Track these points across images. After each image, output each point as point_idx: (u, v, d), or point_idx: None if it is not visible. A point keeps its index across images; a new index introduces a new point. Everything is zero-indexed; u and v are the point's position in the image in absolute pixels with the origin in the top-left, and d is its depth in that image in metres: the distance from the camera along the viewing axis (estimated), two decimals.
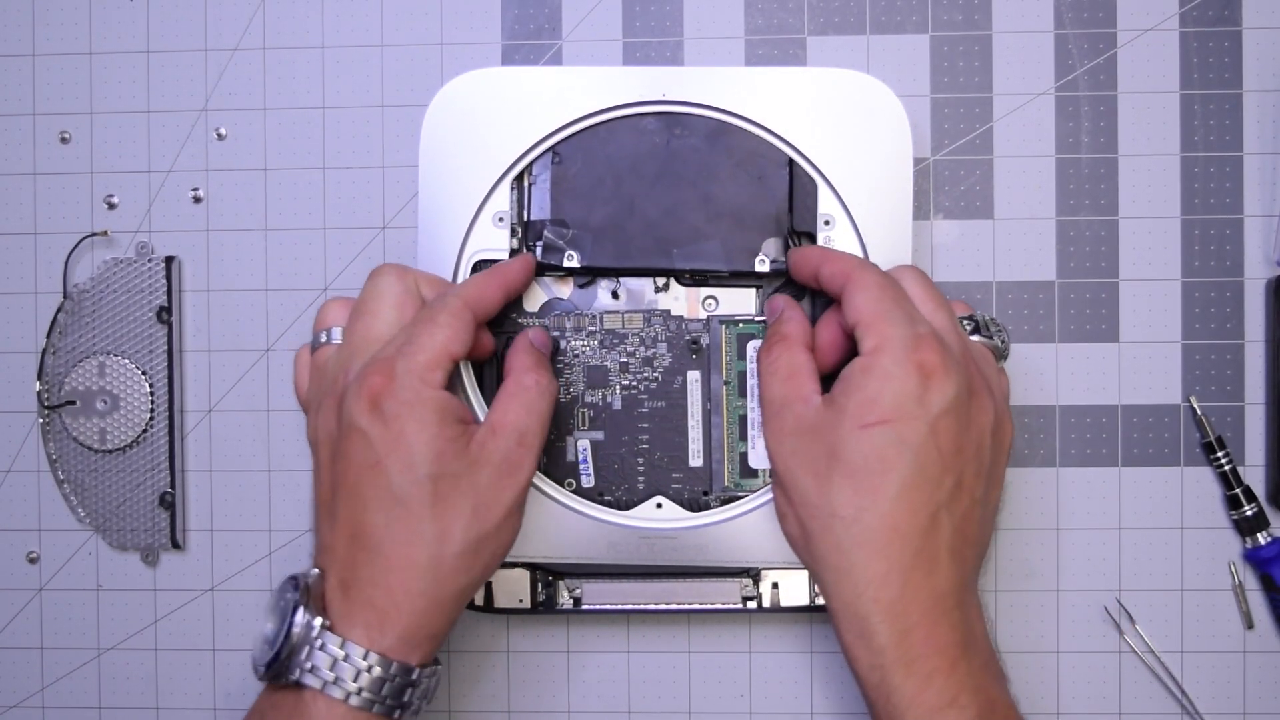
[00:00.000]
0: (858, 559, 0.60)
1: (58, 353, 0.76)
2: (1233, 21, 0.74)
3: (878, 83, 0.68)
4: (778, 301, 0.69)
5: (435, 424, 0.60)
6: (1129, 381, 0.74)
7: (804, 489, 0.62)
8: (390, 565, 0.60)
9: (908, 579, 0.59)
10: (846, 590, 0.60)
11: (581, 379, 0.71)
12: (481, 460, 0.61)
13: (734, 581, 0.71)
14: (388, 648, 0.60)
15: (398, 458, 0.60)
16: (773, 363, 0.66)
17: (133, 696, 0.77)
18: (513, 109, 0.69)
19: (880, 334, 0.60)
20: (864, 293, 0.62)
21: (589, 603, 0.72)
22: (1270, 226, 0.74)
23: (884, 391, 0.59)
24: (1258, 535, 0.73)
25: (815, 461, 0.61)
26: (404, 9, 0.75)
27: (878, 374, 0.60)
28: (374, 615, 0.60)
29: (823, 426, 0.61)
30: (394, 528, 0.60)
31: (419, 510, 0.60)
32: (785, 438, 0.63)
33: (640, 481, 0.71)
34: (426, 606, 0.60)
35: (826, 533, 0.61)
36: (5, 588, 0.77)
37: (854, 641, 0.60)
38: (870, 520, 0.59)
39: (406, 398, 0.60)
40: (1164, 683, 0.74)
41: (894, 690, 0.59)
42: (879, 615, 0.59)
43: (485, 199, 0.68)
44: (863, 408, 0.59)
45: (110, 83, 0.76)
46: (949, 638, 0.59)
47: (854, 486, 0.60)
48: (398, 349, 0.61)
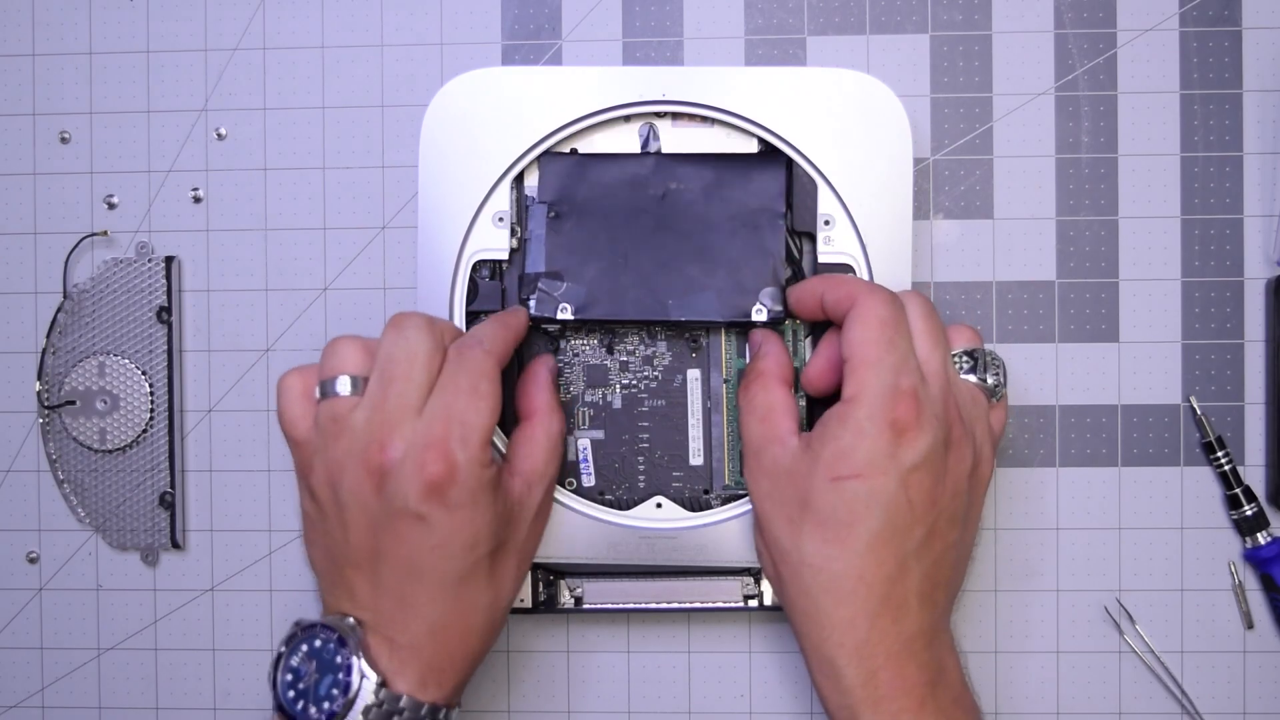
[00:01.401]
0: (824, 604, 0.60)
1: (58, 353, 0.76)
2: (1233, 21, 0.74)
3: (878, 83, 0.68)
4: (756, 336, 0.69)
5: (492, 503, 0.61)
6: (1129, 381, 0.74)
7: (776, 533, 0.63)
8: (448, 632, 0.62)
9: (874, 624, 0.60)
10: (814, 633, 0.61)
11: (581, 378, 0.71)
12: (522, 518, 0.64)
13: (735, 580, 0.71)
14: (437, 699, 0.61)
15: (462, 541, 0.60)
16: (750, 400, 0.66)
17: (133, 696, 0.77)
18: (513, 109, 0.69)
19: (861, 382, 0.60)
20: (861, 327, 0.61)
21: (590, 602, 0.72)
22: (1270, 226, 0.74)
23: (857, 446, 0.59)
24: (1258, 535, 0.73)
25: (787, 506, 0.62)
26: (404, 9, 0.75)
27: (851, 427, 0.60)
28: (427, 672, 0.61)
29: (797, 473, 0.62)
30: (455, 602, 0.61)
31: (479, 581, 0.62)
32: (761, 479, 0.64)
33: (641, 480, 0.71)
34: (475, 661, 0.64)
35: (795, 577, 0.62)
36: (5, 588, 0.77)
37: (823, 682, 0.62)
38: (837, 569, 0.60)
39: (471, 486, 0.59)
40: (1164, 683, 0.74)
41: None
42: (844, 658, 0.60)
43: (485, 199, 0.68)
44: (835, 460, 0.60)
45: (110, 83, 0.76)
46: (917, 678, 0.60)
47: (823, 536, 0.60)
48: (446, 430, 0.59)
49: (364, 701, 0.59)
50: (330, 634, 0.60)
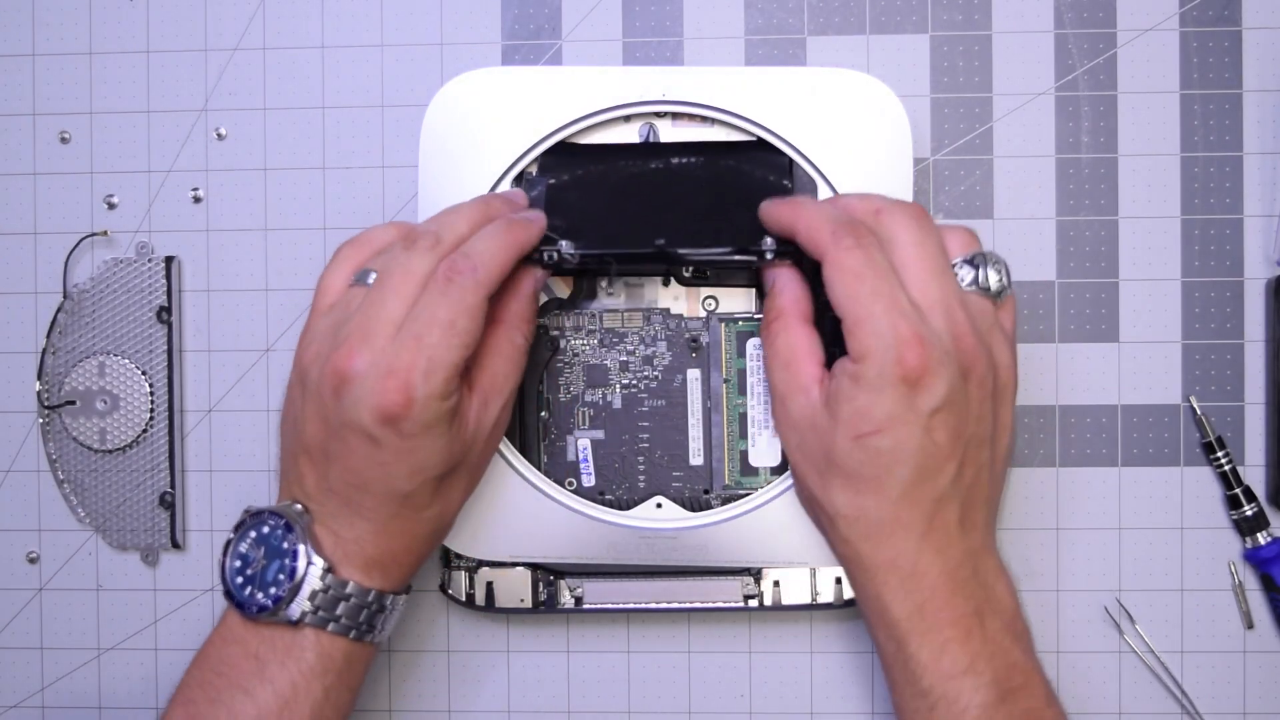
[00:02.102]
0: (864, 550, 0.61)
1: (58, 353, 0.76)
2: (1233, 21, 0.74)
3: (878, 83, 0.68)
4: (769, 271, 0.66)
5: (446, 435, 0.60)
6: (1129, 381, 0.74)
7: (808, 484, 0.63)
8: (391, 535, 0.62)
9: (916, 561, 0.60)
10: (858, 575, 0.62)
11: (581, 378, 0.71)
12: (479, 435, 0.63)
13: (735, 580, 0.71)
14: (384, 587, 0.63)
15: (407, 467, 0.60)
16: (771, 342, 0.64)
17: (133, 696, 0.77)
18: (513, 109, 0.69)
19: (861, 341, 0.58)
20: (840, 284, 0.59)
21: (590, 602, 0.72)
22: (1270, 226, 0.74)
23: (874, 404, 0.58)
24: (1258, 535, 0.73)
25: (815, 459, 0.62)
26: (404, 9, 0.75)
27: (865, 385, 0.58)
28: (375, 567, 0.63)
29: (820, 428, 0.61)
30: (399, 517, 0.62)
31: (424, 502, 0.62)
32: (789, 430, 0.64)
33: (641, 480, 0.71)
34: (419, 559, 0.65)
35: (832, 526, 0.62)
36: (5, 588, 0.77)
37: (873, 619, 0.62)
38: (872, 517, 0.60)
39: (425, 419, 0.58)
40: (1164, 683, 0.74)
41: (910, 658, 0.60)
42: (890, 595, 0.60)
43: None
44: (855, 419, 0.59)
45: (110, 83, 0.76)
46: (963, 608, 0.60)
47: (854, 489, 0.60)
48: (412, 360, 0.58)
49: (310, 587, 0.61)
50: (278, 520, 0.61)
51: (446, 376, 0.58)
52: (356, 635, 0.62)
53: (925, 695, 0.60)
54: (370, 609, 0.62)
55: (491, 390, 0.63)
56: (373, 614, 0.63)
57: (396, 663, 0.76)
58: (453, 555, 0.72)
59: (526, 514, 0.69)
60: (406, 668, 0.76)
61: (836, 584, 0.71)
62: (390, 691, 0.76)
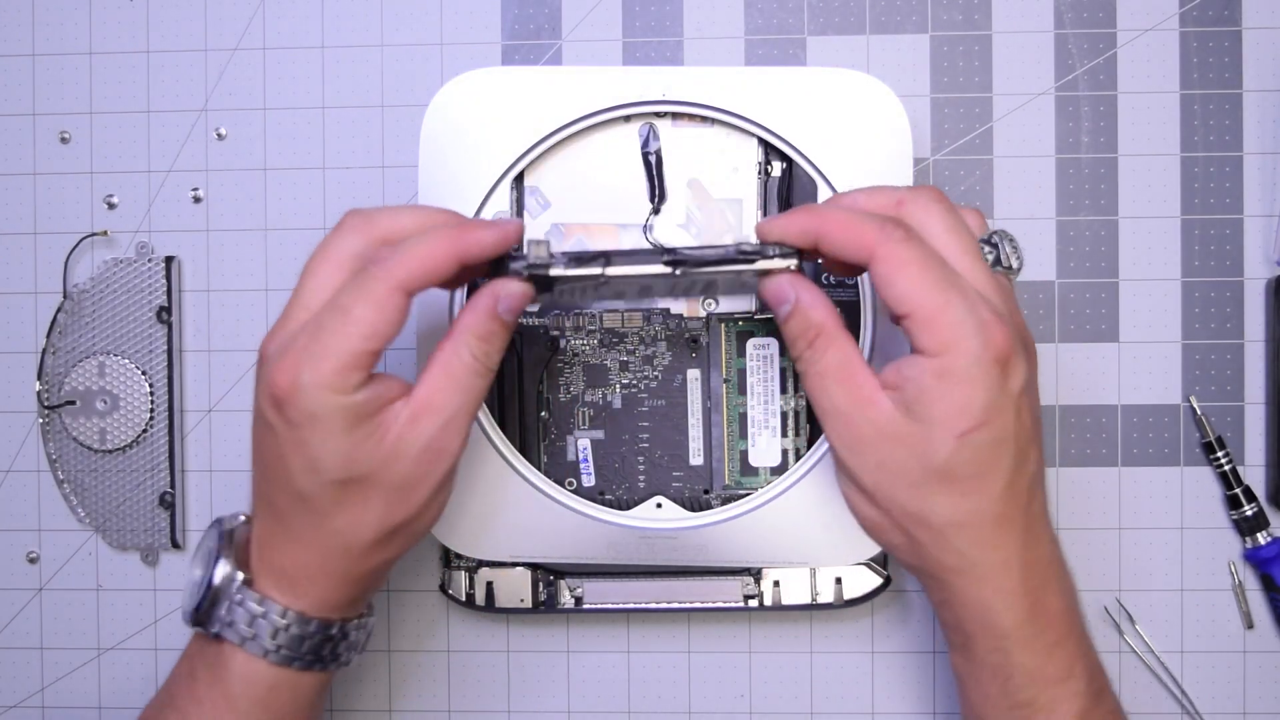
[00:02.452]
0: (976, 557, 0.58)
1: (58, 353, 0.76)
2: (1233, 21, 0.74)
3: (878, 83, 0.68)
4: (785, 286, 0.59)
5: (341, 432, 0.56)
6: (1129, 381, 0.74)
7: (902, 501, 0.58)
8: (299, 545, 0.59)
9: (1023, 559, 0.58)
10: (969, 587, 0.58)
11: (581, 378, 0.71)
12: (400, 452, 0.57)
13: (735, 580, 0.71)
14: (304, 608, 0.60)
15: (300, 461, 0.57)
16: (817, 359, 0.58)
17: (133, 696, 0.77)
18: (513, 109, 0.69)
19: (944, 333, 0.55)
20: (903, 277, 0.55)
21: (590, 602, 0.72)
22: (1270, 226, 0.74)
23: (973, 397, 0.55)
24: (1258, 535, 0.73)
25: (908, 473, 0.57)
26: (404, 9, 0.75)
27: (960, 379, 0.55)
28: (285, 580, 0.60)
29: (908, 437, 0.56)
30: (301, 518, 0.58)
31: (325, 508, 0.58)
32: (864, 449, 0.58)
33: (641, 480, 0.71)
34: (338, 583, 0.60)
35: (937, 539, 0.58)
36: (5, 588, 0.77)
37: (976, 632, 0.59)
38: (982, 519, 0.57)
39: (310, 408, 0.55)
40: (1164, 683, 0.74)
41: (1016, 669, 0.58)
42: (1003, 603, 0.58)
43: (485, 199, 0.68)
44: (954, 417, 0.55)
45: (110, 83, 0.76)
46: (1059, 604, 0.59)
47: (959, 492, 0.56)
48: (304, 347, 0.55)
49: (227, 599, 0.59)
50: (219, 527, 0.61)
51: (337, 366, 0.55)
52: (277, 660, 0.60)
53: (1026, 706, 0.59)
54: (286, 631, 0.59)
55: (425, 407, 0.57)
56: (291, 637, 0.59)
57: (396, 663, 0.76)
58: (453, 555, 0.72)
59: (526, 514, 0.69)
60: (406, 668, 0.76)
61: (836, 584, 0.71)
62: (390, 691, 0.76)
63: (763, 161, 0.70)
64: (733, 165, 0.70)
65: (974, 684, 0.61)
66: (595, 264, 0.58)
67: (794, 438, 0.71)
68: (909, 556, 0.60)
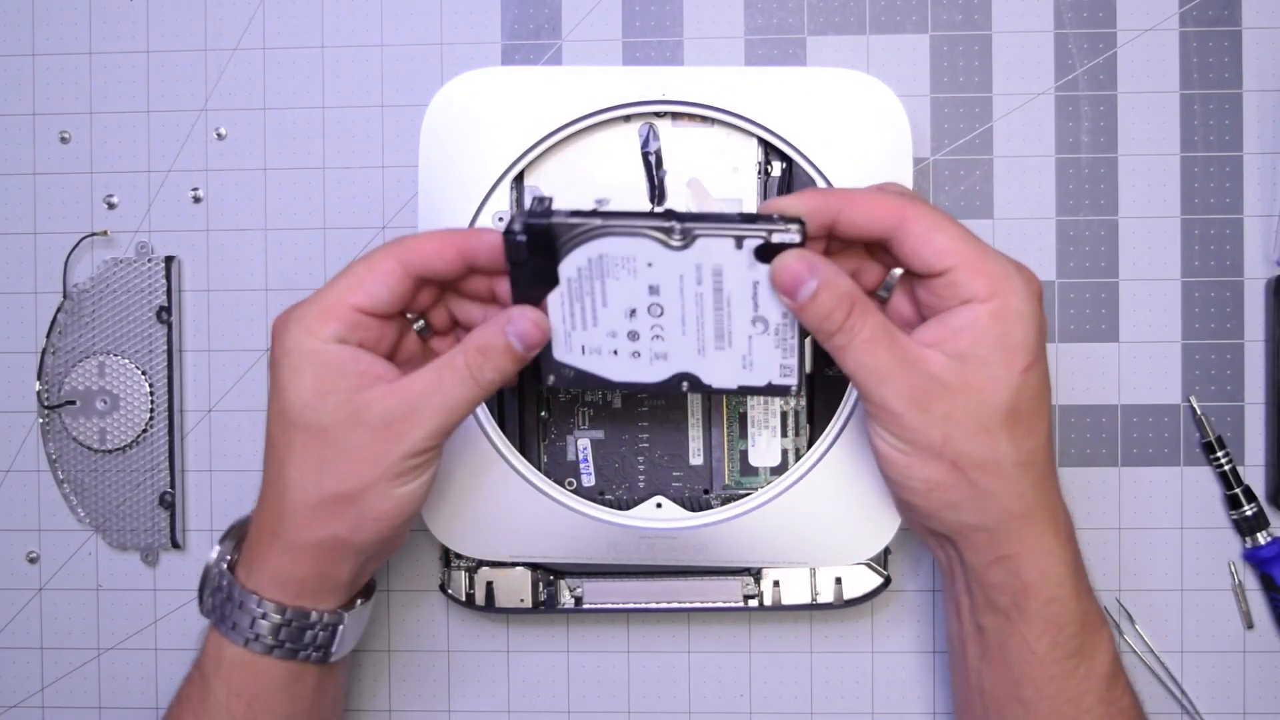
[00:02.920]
0: (1039, 500, 0.60)
1: (58, 353, 0.76)
2: (1233, 21, 0.74)
3: (878, 83, 0.68)
4: (800, 268, 0.57)
5: (311, 376, 0.59)
6: (1129, 381, 0.74)
7: (971, 449, 0.58)
8: (261, 507, 0.63)
9: (1062, 504, 0.62)
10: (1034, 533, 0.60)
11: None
12: (363, 417, 0.59)
13: (735, 579, 0.71)
14: (267, 591, 0.62)
15: (274, 400, 0.60)
16: (862, 330, 0.57)
17: (133, 696, 0.77)
18: (513, 109, 0.69)
19: (995, 279, 0.57)
20: (944, 233, 0.58)
21: (590, 602, 0.72)
22: (1270, 226, 0.74)
23: (1028, 333, 0.58)
24: (1258, 535, 0.73)
25: (976, 418, 0.58)
26: (404, 9, 0.75)
27: (1015, 316, 0.57)
28: (250, 555, 0.63)
29: (971, 382, 0.57)
30: (267, 470, 0.62)
31: (282, 454, 0.60)
32: (930, 404, 0.57)
33: (641, 480, 0.71)
34: (286, 551, 0.62)
35: (1008, 483, 0.59)
36: (5, 588, 0.77)
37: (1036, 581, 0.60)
38: (1040, 458, 0.60)
39: (288, 346, 0.59)
40: (1164, 683, 0.74)
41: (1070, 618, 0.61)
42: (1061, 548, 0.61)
43: (485, 199, 0.68)
44: (1015, 353, 0.57)
45: (110, 83, 0.76)
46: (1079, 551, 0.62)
47: (1025, 431, 0.58)
48: (306, 298, 0.61)
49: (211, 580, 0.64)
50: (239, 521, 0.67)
51: (319, 311, 0.59)
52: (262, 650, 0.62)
53: (1074, 656, 0.61)
54: (225, 596, 0.63)
55: (402, 389, 0.59)
56: (233, 605, 0.62)
57: (396, 663, 0.76)
58: (453, 555, 0.72)
59: (526, 514, 0.69)
60: (406, 668, 0.76)
61: (836, 584, 0.71)
62: (390, 691, 0.76)
63: (762, 161, 0.70)
64: (732, 165, 0.70)
65: (1018, 644, 0.61)
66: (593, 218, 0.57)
67: (794, 437, 0.71)
68: (971, 512, 0.60)
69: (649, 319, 0.59)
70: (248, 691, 0.63)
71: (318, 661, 0.64)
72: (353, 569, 0.63)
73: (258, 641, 0.62)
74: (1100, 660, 0.61)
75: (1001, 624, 0.61)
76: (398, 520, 0.61)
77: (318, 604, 0.63)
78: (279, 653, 0.62)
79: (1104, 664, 0.62)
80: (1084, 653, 0.61)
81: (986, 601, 0.62)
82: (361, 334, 0.60)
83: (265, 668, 0.63)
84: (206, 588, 0.64)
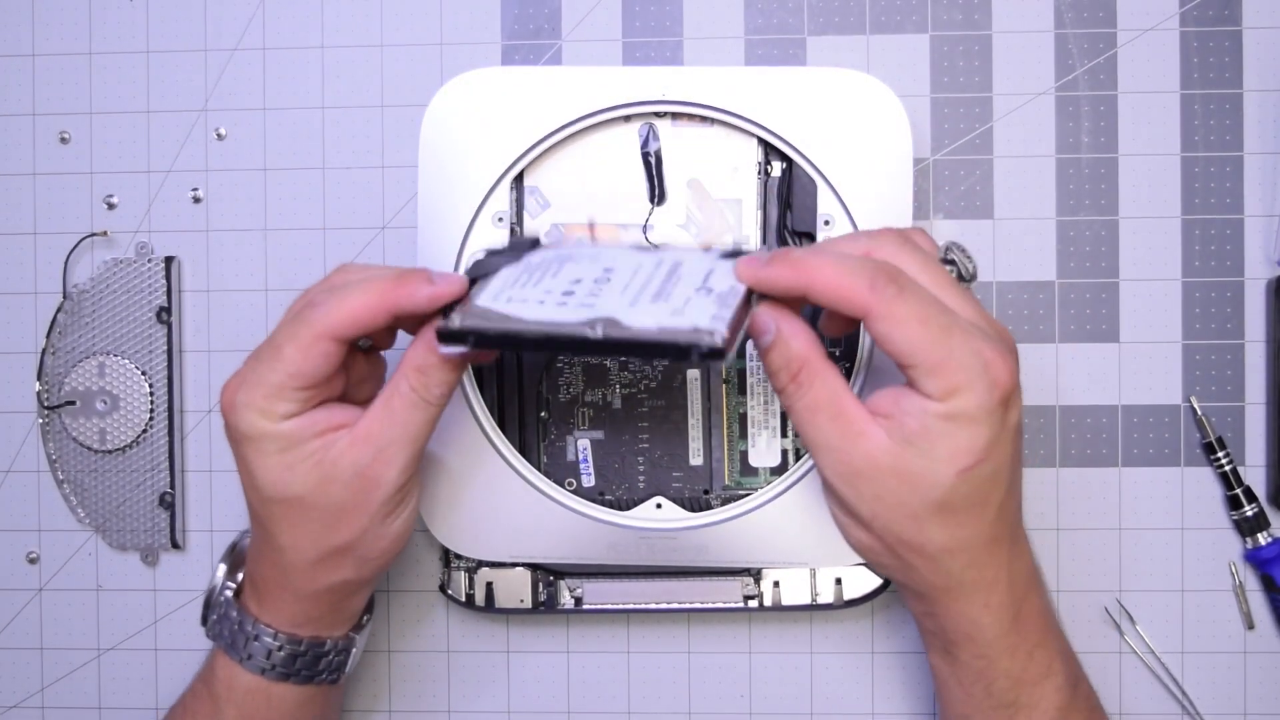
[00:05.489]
0: (967, 578, 0.58)
1: (58, 353, 0.76)
2: (1233, 21, 0.74)
3: (878, 83, 0.68)
4: (766, 318, 0.56)
5: (274, 453, 0.59)
6: (1129, 381, 0.74)
7: (896, 530, 0.57)
8: (262, 558, 0.63)
9: (1009, 573, 0.59)
10: (956, 603, 0.59)
11: (581, 378, 0.71)
12: (332, 476, 0.59)
13: (735, 580, 0.71)
14: (281, 626, 0.64)
15: (245, 476, 0.61)
16: (804, 394, 0.56)
17: (133, 696, 0.77)
18: (513, 109, 0.69)
19: (951, 379, 0.54)
20: (905, 332, 0.54)
21: (590, 602, 0.72)
22: (1270, 226, 0.74)
23: (977, 435, 0.55)
24: (1258, 535, 0.73)
25: (904, 505, 0.56)
26: (404, 9, 0.75)
27: (967, 422, 0.55)
28: (255, 592, 0.64)
29: (905, 470, 0.55)
30: (256, 531, 0.63)
31: (268, 526, 0.61)
32: (859, 482, 0.56)
33: (641, 480, 0.71)
34: (294, 598, 0.63)
35: (932, 564, 0.58)
36: (5, 588, 0.77)
37: (960, 642, 0.60)
38: (975, 544, 0.58)
39: (245, 431, 0.59)
40: (1164, 683, 0.74)
41: (1000, 674, 0.60)
42: (990, 617, 0.59)
43: (485, 198, 0.68)
44: (957, 455, 0.55)
45: (110, 83, 0.76)
46: (1038, 606, 0.62)
47: (956, 523, 0.57)
48: (243, 373, 0.59)
49: (217, 611, 0.65)
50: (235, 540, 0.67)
51: (265, 394, 0.58)
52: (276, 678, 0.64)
53: (1009, 706, 0.61)
54: (235, 626, 0.64)
55: (362, 435, 0.59)
56: (246, 637, 0.64)
57: (396, 663, 0.76)
58: (453, 555, 0.72)
59: (526, 514, 0.69)
60: (406, 668, 0.76)
61: (836, 584, 0.71)
62: (390, 691, 0.76)
63: (762, 161, 0.70)
64: (732, 165, 0.70)
65: (956, 684, 0.62)
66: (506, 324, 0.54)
67: (793, 438, 0.71)
68: (899, 576, 0.60)
69: (592, 285, 0.56)
70: (260, 715, 0.65)
71: (330, 683, 0.66)
72: (364, 598, 0.66)
73: (273, 670, 0.63)
74: (1042, 710, 0.61)
75: (940, 664, 0.63)
76: (398, 548, 0.63)
77: (331, 632, 0.65)
78: (294, 679, 0.64)
79: (1047, 713, 0.61)
80: (1020, 704, 0.61)
81: (927, 641, 0.64)
82: (309, 394, 0.59)
83: (279, 693, 0.64)
84: (212, 612, 0.66)
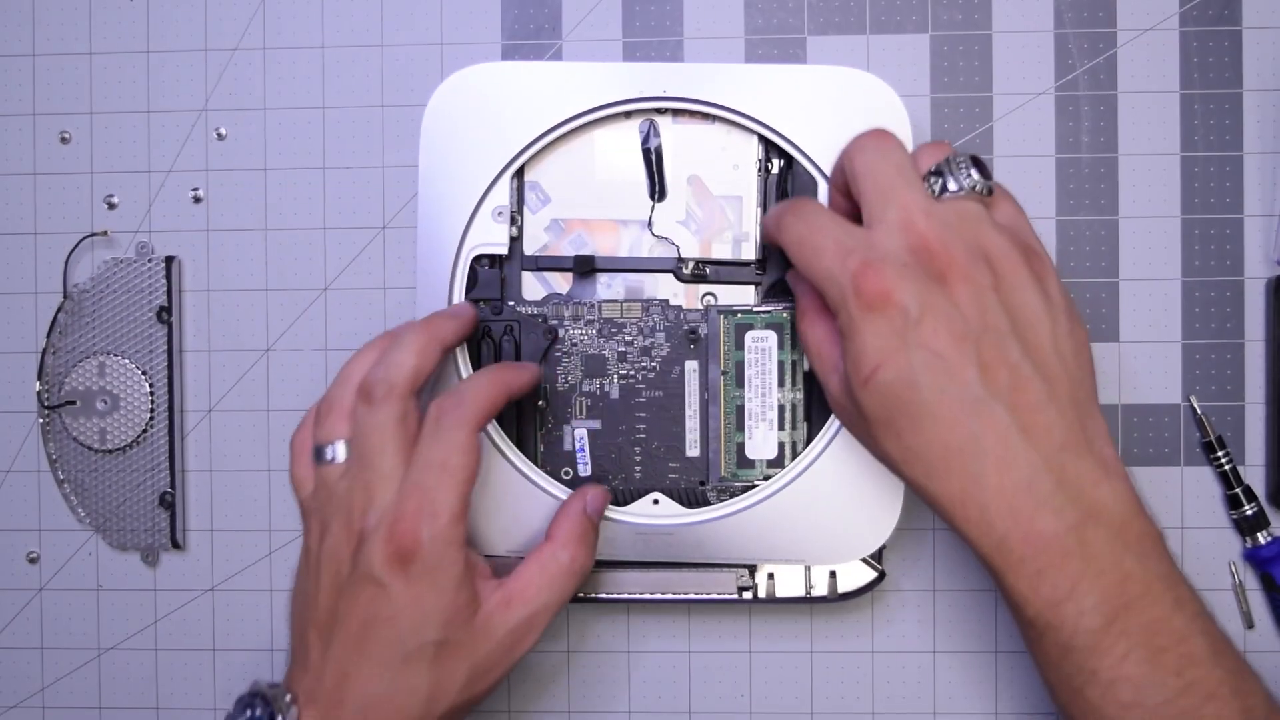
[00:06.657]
0: (936, 490, 0.58)
1: (58, 353, 0.76)
2: (1233, 21, 0.74)
3: (879, 81, 0.68)
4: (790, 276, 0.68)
5: (453, 591, 0.61)
6: (1129, 381, 0.74)
7: (871, 450, 0.62)
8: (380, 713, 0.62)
9: (983, 487, 0.57)
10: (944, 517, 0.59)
11: (579, 368, 0.71)
12: (487, 633, 0.62)
13: (729, 572, 0.71)
14: None
15: (411, 619, 0.61)
16: (802, 340, 0.65)
17: (133, 696, 0.77)
18: (513, 104, 0.69)
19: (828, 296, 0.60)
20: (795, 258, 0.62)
21: (584, 592, 0.71)
22: (1270, 226, 0.74)
23: (863, 345, 0.57)
24: (1258, 535, 0.73)
25: (856, 425, 0.62)
26: (404, 9, 0.76)
27: (846, 334, 0.58)
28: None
29: (846, 395, 0.61)
30: (392, 682, 0.62)
31: (420, 669, 0.61)
32: (838, 410, 0.64)
33: (637, 471, 0.71)
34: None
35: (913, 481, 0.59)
36: (5, 588, 0.77)
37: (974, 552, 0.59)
38: (924, 453, 0.58)
39: (432, 563, 0.60)
40: None
41: (1009, 590, 0.58)
42: (972, 530, 0.58)
43: (485, 193, 0.68)
44: (855, 368, 0.58)
45: (110, 83, 0.76)
46: (1053, 527, 0.57)
47: (894, 433, 0.58)
48: (417, 505, 0.60)
49: None
50: (265, 706, 0.62)
51: (451, 516, 0.61)
52: None
53: (1032, 624, 0.58)
54: None
55: (517, 593, 0.63)
56: None
57: None
58: None
59: (524, 511, 0.69)
60: None
61: (831, 577, 0.71)
62: None
63: (763, 158, 0.70)
64: (733, 162, 0.70)
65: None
66: None
67: (791, 431, 0.71)
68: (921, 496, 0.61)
69: None
70: None
71: None
72: None
73: None
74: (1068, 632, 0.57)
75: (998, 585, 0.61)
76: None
77: None
78: None
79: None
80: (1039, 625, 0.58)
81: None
82: None
83: None
84: None
